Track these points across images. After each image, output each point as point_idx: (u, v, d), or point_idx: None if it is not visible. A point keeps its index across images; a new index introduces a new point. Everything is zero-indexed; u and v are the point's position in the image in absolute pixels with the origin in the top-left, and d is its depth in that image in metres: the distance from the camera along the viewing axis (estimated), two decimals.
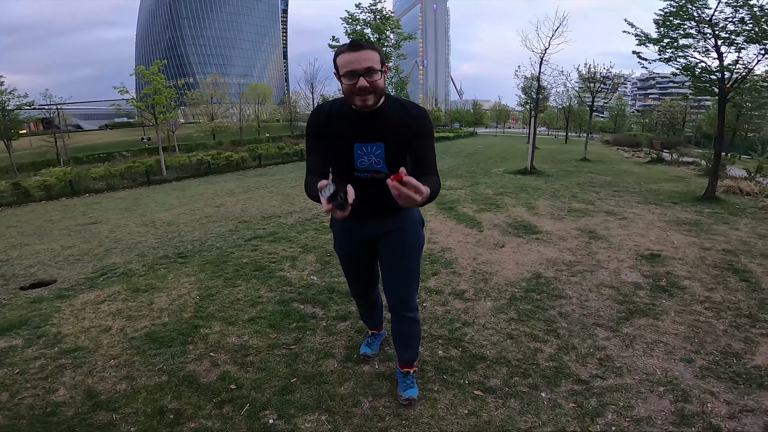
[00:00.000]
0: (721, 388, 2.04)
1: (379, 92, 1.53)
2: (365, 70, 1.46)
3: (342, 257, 2.01)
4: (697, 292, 3.15)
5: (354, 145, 1.64)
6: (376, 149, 1.63)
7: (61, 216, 7.59)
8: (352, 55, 1.47)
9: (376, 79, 1.49)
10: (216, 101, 39.16)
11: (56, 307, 3.10)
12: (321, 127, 1.67)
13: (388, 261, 1.86)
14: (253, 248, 4.34)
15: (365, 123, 1.60)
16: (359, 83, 1.47)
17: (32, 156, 27.16)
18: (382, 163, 1.65)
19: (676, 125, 36.56)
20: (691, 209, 6.13)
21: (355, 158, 1.65)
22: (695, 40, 6.75)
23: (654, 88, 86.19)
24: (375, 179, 1.67)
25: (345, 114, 1.62)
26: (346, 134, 1.63)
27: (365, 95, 1.50)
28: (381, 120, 1.60)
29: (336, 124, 1.64)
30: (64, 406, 1.97)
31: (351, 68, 1.46)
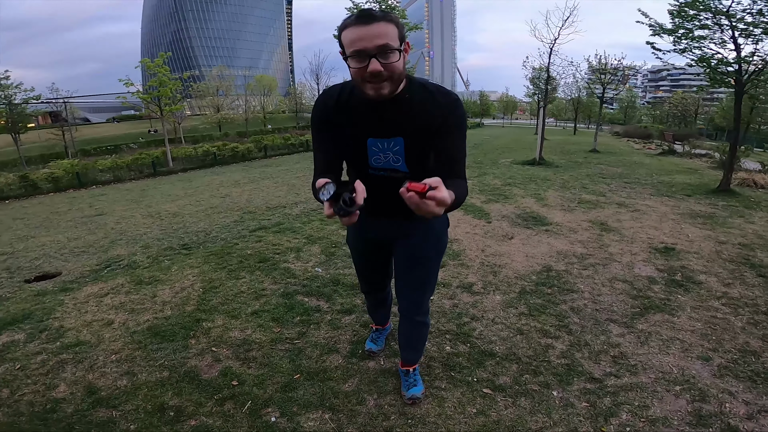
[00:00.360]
0: (740, 387, 1.97)
1: (396, 78, 1.20)
2: (378, 49, 1.12)
3: (353, 253, 1.86)
4: (713, 287, 3.05)
5: (368, 141, 1.36)
6: (393, 145, 1.36)
7: (68, 208, 7.61)
8: (361, 29, 1.13)
9: (393, 61, 1.15)
10: (222, 93, 39.13)
11: (60, 300, 3.07)
12: (329, 117, 1.38)
13: (404, 268, 1.69)
14: (258, 239, 4.29)
15: (381, 113, 1.31)
16: (371, 66, 1.13)
17: (41, 149, 27.36)
18: (401, 161, 1.39)
19: (688, 117, 35.97)
20: (705, 202, 5.98)
21: (369, 155, 1.39)
22: (711, 32, 6.59)
23: (665, 80, 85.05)
24: (393, 178, 1.42)
25: (357, 101, 1.33)
26: (358, 127, 1.35)
27: (379, 82, 1.17)
28: (400, 109, 1.31)
29: (346, 113, 1.35)
30: (64, 402, 1.93)
31: (360, 47, 1.13)
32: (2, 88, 19.37)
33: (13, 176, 11.08)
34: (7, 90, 19.50)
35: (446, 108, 1.31)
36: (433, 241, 1.64)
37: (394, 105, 1.29)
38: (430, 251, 1.64)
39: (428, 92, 1.32)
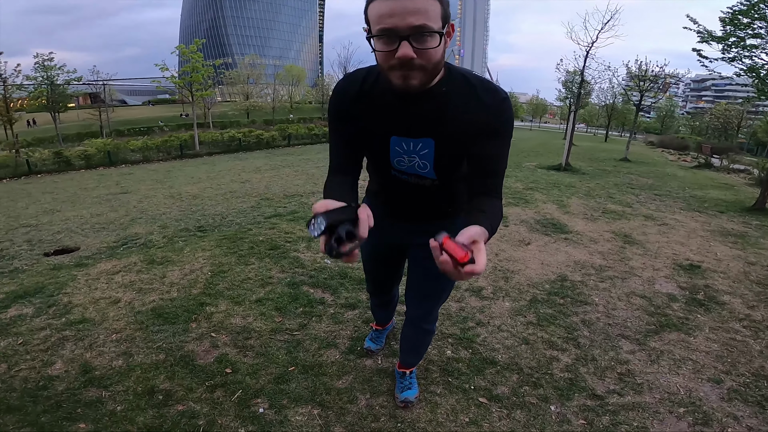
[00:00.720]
0: (746, 412, 1.87)
1: (432, 68, 0.95)
2: (412, 29, 0.87)
3: (364, 253, 1.71)
4: (736, 308, 2.89)
5: (390, 139, 1.14)
6: (421, 147, 1.12)
7: (96, 185, 7.85)
8: (393, 2, 0.87)
9: (431, 47, 0.90)
10: (252, 81, 39.73)
11: (73, 275, 3.12)
12: (347, 107, 1.14)
13: (418, 276, 1.54)
14: (272, 226, 4.30)
15: (409, 108, 1.07)
16: (400, 51, 0.89)
17: (78, 128, 28.47)
18: (429, 167, 1.16)
19: (729, 130, 34.43)
20: (739, 220, 5.68)
21: (391, 156, 1.18)
22: (764, 41, 6.31)
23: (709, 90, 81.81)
24: (416, 185, 1.24)
25: (382, 91, 1.09)
26: (381, 121, 1.12)
27: (409, 70, 0.92)
28: (434, 105, 1.06)
29: (367, 104, 1.12)
30: (57, 380, 1.93)
31: (389, 25, 0.88)
32: (45, 69, 20.18)
33: (48, 152, 11.54)
34: (50, 71, 20.32)
35: (492, 109, 1.05)
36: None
37: (427, 99, 1.04)
38: None
39: (471, 87, 1.06)
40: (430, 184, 1.22)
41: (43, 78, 20.44)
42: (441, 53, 0.94)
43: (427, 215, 1.39)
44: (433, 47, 0.90)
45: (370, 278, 1.83)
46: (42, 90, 21.09)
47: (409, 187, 1.25)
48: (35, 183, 8.90)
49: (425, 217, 1.40)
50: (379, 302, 2.00)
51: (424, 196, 1.29)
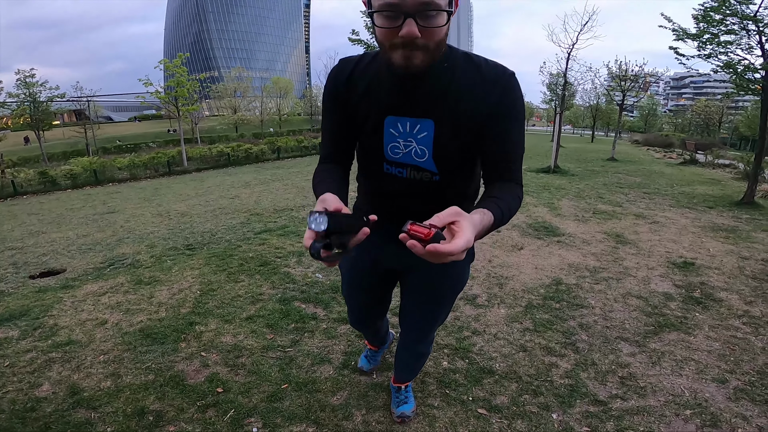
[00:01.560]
0: (755, 411, 1.84)
1: (434, 47, 0.88)
2: (420, 6, 0.81)
3: (345, 279, 1.51)
4: (734, 305, 2.88)
5: (385, 120, 1.04)
6: (420, 130, 1.02)
7: (82, 204, 7.72)
8: None
9: (437, 25, 0.84)
10: (239, 94, 39.69)
11: (59, 297, 3.06)
12: (340, 91, 1.08)
13: (414, 302, 1.43)
14: (261, 242, 4.24)
15: (408, 86, 0.98)
16: (405, 29, 0.82)
17: (63, 146, 28.15)
18: (427, 154, 1.05)
19: (711, 126, 35.06)
20: (728, 214, 5.73)
21: (385, 141, 1.06)
22: (738, 37, 6.39)
23: (688, 88, 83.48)
24: (413, 181, 1.10)
25: (377, 69, 1.03)
26: (375, 100, 1.03)
27: (412, 50, 0.86)
28: (435, 81, 0.97)
29: (362, 83, 1.05)
30: (44, 402, 1.89)
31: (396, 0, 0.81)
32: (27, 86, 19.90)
33: (33, 172, 11.36)
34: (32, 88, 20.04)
35: (498, 86, 0.97)
36: (454, 278, 1.35)
37: (429, 77, 0.96)
38: (447, 289, 1.37)
39: (474, 65, 0.99)
40: (429, 181, 1.08)
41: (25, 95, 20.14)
42: (445, 32, 0.88)
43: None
44: (439, 26, 0.84)
45: (353, 310, 1.62)
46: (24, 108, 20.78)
47: (405, 186, 1.12)
48: (21, 204, 8.74)
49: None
50: (368, 333, 1.85)
51: (422, 200, 1.11)
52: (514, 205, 0.96)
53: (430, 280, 1.33)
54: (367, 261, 1.35)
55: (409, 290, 1.42)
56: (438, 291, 1.36)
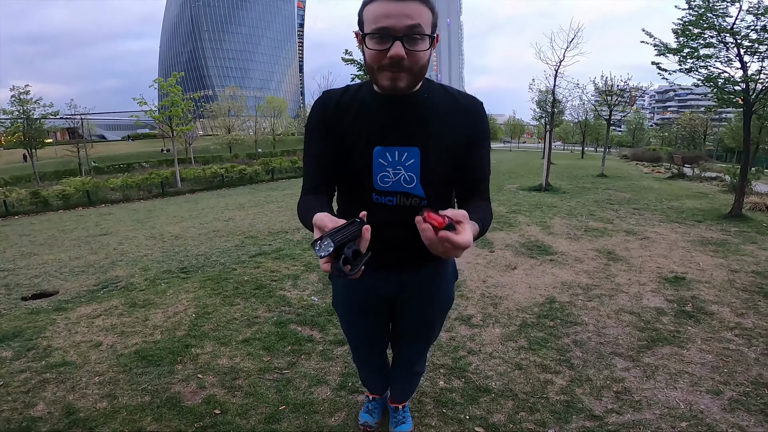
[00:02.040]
0: (751, 421, 1.87)
1: (418, 71, 0.98)
2: (407, 29, 0.92)
3: (344, 317, 1.51)
4: (725, 317, 2.93)
5: (374, 150, 1.09)
6: (407, 157, 1.08)
7: (75, 226, 7.66)
8: (390, 4, 0.92)
9: (420, 50, 0.95)
10: (233, 114, 39.89)
11: (52, 319, 3.05)
12: (327, 122, 1.12)
13: (405, 327, 1.48)
14: (256, 265, 4.24)
15: (394, 115, 1.06)
16: (393, 50, 0.92)
17: (56, 165, 28.00)
18: (415, 181, 1.10)
19: (696, 139, 35.74)
20: (717, 228, 5.84)
21: (374, 172, 1.11)
22: (717, 50, 6.55)
23: (673, 101, 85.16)
24: (403, 208, 1.14)
25: (363, 100, 1.09)
26: (364, 131, 1.09)
27: (398, 71, 0.95)
28: (418, 112, 1.07)
29: (349, 114, 1.10)
30: (40, 421, 1.89)
31: (385, 24, 0.92)
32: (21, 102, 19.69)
33: (25, 192, 11.28)
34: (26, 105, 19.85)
35: (472, 115, 1.10)
36: (440, 298, 1.41)
37: (412, 106, 1.06)
38: (436, 310, 1.44)
39: (450, 95, 1.10)
40: (417, 206, 1.12)
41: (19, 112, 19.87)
42: (427, 58, 0.98)
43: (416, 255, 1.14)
44: (422, 50, 0.95)
45: (356, 345, 1.60)
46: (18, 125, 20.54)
47: (394, 215, 1.13)
48: (12, 225, 8.65)
49: (414, 258, 1.21)
50: (370, 370, 1.75)
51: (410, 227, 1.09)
52: (491, 219, 1.10)
53: (420, 301, 1.39)
54: (362, 292, 1.37)
55: (401, 314, 1.45)
56: (429, 311, 1.43)
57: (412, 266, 1.27)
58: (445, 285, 1.40)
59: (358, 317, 1.47)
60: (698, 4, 6.38)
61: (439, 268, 1.34)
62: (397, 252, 1.19)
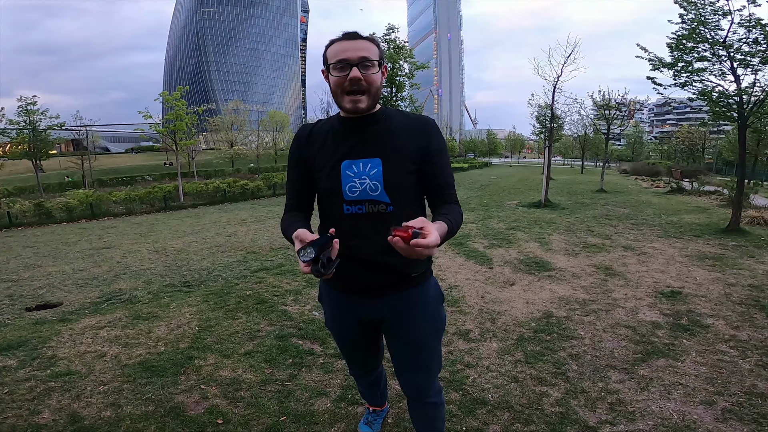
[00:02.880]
0: (744, 430, 1.90)
1: (374, 92, 1.23)
2: (360, 59, 1.18)
3: (335, 337, 1.63)
4: (721, 330, 2.98)
5: (341, 165, 1.27)
6: (371, 168, 1.25)
7: (78, 239, 7.74)
8: (346, 43, 1.21)
9: (372, 73, 1.21)
10: (236, 128, 40.20)
11: (56, 330, 3.11)
12: (302, 150, 1.36)
13: (400, 354, 1.48)
14: (258, 280, 4.30)
15: (357, 133, 1.28)
16: (351, 73, 1.18)
17: (59, 177, 28.20)
18: (379, 188, 1.25)
19: (695, 152, 35.77)
20: (714, 242, 5.89)
21: (343, 183, 1.26)
22: (710, 63, 6.60)
23: (671, 114, 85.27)
24: (372, 215, 1.27)
25: (331, 126, 1.33)
26: (332, 149, 1.29)
27: (357, 94, 1.20)
28: (377, 129, 1.28)
29: (320, 139, 1.33)
30: (45, 428, 1.94)
31: (343, 56, 1.19)
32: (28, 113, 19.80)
33: (29, 204, 11.39)
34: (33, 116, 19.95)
35: (425, 130, 1.30)
36: (428, 320, 1.43)
37: (372, 123, 1.28)
38: (426, 333, 1.44)
39: (404, 115, 1.34)
40: (384, 212, 1.25)
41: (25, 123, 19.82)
42: (379, 81, 1.24)
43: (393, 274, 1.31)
44: (374, 73, 1.21)
45: (350, 361, 1.70)
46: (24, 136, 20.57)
47: (365, 223, 1.26)
48: (16, 236, 8.74)
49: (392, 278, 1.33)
50: (367, 383, 1.82)
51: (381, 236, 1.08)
52: (460, 218, 1.25)
53: (408, 325, 1.41)
54: (348, 315, 1.46)
55: (392, 339, 1.48)
56: (419, 334, 1.43)
57: (391, 288, 1.36)
58: (431, 307, 1.44)
59: (345, 339, 1.57)
60: (691, 18, 6.47)
61: (421, 290, 1.40)
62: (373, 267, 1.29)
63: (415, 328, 1.42)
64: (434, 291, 1.46)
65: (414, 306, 1.40)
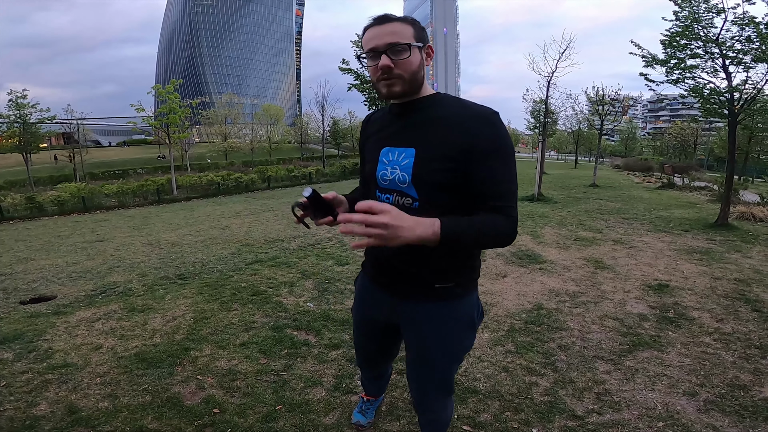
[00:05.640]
0: (725, 422, 1.97)
1: (409, 76, 1.12)
2: (388, 45, 1.10)
3: (354, 325, 1.57)
4: (706, 323, 3.05)
5: (381, 150, 1.22)
6: (404, 157, 1.16)
7: (71, 232, 7.70)
8: (375, 29, 1.13)
9: (403, 58, 1.10)
10: (229, 121, 39.89)
11: (51, 322, 3.12)
12: (363, 133, 1.39)
13: (414, 364, 1.39)
14: (253, 272, 4.33)
15: (399, 119, 1.22)
16: (381, 62, 1.10)
17: (50, 170, 27.88)
18: (407, 180, 1.15)
19: (687, 148, 36.07)
20: (703, 237, 5.99)
21: (378, 169, 1.22)
22: (703, 61, 6.68)
23: (665, 110, 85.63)
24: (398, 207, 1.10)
25: (384, 113, 1.30)
26: (379, 135, 1.27)
27: (389, 79, 1.12)
28: (418, 115, 1.18)
29: (374, 125, 1.33)
30: (43, 420, 1.97)
31: (372, 45, 1.12)
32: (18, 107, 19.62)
33: (20, 197, 11.29)
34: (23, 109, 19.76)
35: (476, 124, 1.09)
36: (443, 344, 1.30)
37: (414, 111, 1.18)
38: (437, 356, 1.32)
39: (459, 104, 1.15)
40: (410, 207, 1.15)
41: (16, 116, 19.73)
42: (416, 65, 1.13)
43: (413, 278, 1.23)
44: (405, 58, 1.11)
45: (359, 352, 1.64)
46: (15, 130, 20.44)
47: None
48: (7, 230, 8.68)
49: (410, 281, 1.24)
50: (370, 376, 1.82)
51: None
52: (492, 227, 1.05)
53: (422, 342, 1.32)
54: (373, 310, 1.42)
55: (409, 350, 1.40)
56: (439, 354, 1.32)
57: (411, 295, 1.26)
58: (451, 330, 1.28)
59: (363, 331, 1.54)
60: (685, 15, 6.52)
61: (444, 307, 1.26)
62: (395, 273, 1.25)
63: (436, 347, 1.30)
64: (465, 313, 1.29)
65: (428, 323, 1.27)
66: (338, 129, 41.62)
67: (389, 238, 0.91)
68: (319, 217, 1.14)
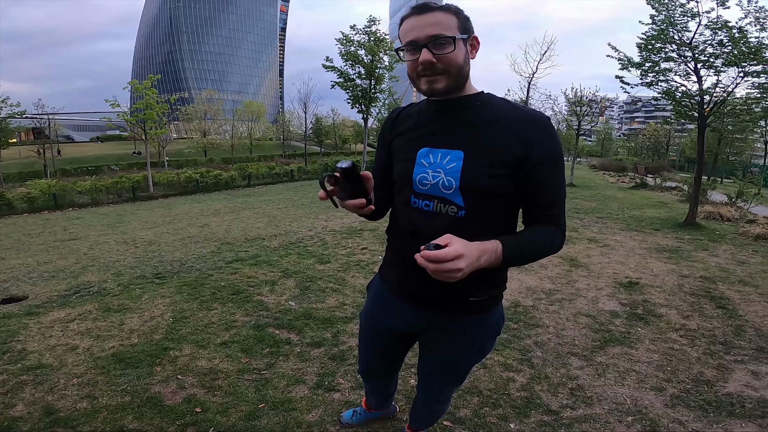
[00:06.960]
0: (690, 416, 2.06)
1: (454, 72, 1.02)
2: (429, 38, 0.99)
3: (362, 329, 1.48)
4: (672, 319, 3.18)
5: (419, 152, 1.10)
6: (449, 160, 1.06)
7: (41, 230, 7.48)
8: (414, 19, 1.01)
9: (447, 52, 0.99)
10: (209, 117, 39.16)
11: (24, 323, 3.04)
12: (387, 132, 1.24)
13: (428, 364, 1.39)
14: (233, 271, 4.29)
15: (443, 118, 1.09)
16: (421, 57, 0.99)
17: (19, 166, 26.87)
18: (454, 186, 1.05)
19: (660, 149, 37.18)
20: (672, 236, 6.21)
21: (415, 171, 1.10)
22: (676, 64, 6.89)
23: (640, 112, 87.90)
24: (439, 216, 1.09)
25: (421, 110, 1.16)
26: (414, 133, 1.14)
27: (432, 75, 1.01)
28: (468, 115, 1.07)
29: (407, 120, 1.18)
30: (20, 421, 1.94)
31: (412, 37, 1.01)
32: None
33: None
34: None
35: (532, 129, 1.02)
36: (472, 354, 1.31)
37: (462, 110, 1.07)
38: (463, 361, 1.33)
39: (511, 106, 1.07)
40: (453, 216, 1.06)
41: None
42: (461, 59, 1.02)
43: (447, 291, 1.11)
44: (450, 52, 1.00)
45: (364, 361, 1.55)
46: None
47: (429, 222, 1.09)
48: None
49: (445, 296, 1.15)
50: (371, 388, 1.74)
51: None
52: (546, 241, 1.04)
53: (446, 349, 1.29)
54: (387, 318, 1.33)
55: (425, 353, 1.38)
56: (455, 365, 1.33)
57: (442, 308, 1.20)
58: (481, 340, 1.28)
59: (370, 338, 1.46)
60: (661, 18, 6.72)
61: (478, 322, 1.23)
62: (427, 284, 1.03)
63: (453, 358, 1.30)
64: (493, 323, 1.26)
65: (463, 338, 1.25)
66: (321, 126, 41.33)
67: (448, 274, 0.86)
68: (348, 196, 1.00)
